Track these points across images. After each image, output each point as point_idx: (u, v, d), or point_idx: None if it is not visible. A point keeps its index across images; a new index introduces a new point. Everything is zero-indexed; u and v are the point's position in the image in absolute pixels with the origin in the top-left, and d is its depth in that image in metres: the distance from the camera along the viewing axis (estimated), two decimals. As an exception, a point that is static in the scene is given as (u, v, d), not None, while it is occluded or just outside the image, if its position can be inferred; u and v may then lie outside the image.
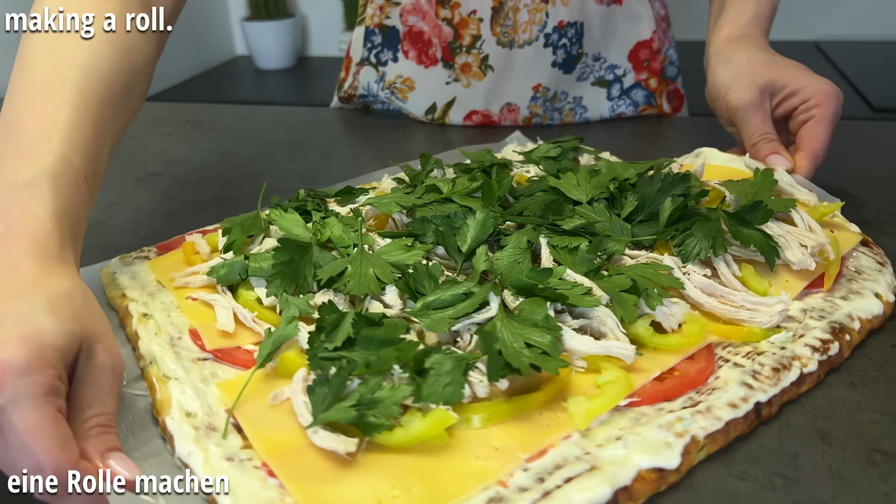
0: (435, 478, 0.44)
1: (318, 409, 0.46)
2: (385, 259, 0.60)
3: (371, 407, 0.45)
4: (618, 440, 0.47)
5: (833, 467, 0.47)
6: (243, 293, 0.61)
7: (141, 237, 0.83)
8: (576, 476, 0.44)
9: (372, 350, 0.49)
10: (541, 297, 0.54)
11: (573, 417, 0.48)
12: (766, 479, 0.46)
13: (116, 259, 0.70)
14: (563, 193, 0.70)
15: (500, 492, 0.43)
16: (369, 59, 1.19)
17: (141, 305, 0.61)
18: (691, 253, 0.60)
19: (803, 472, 0.47)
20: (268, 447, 0.46)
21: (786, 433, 0.50)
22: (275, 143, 1.15)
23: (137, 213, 0.90)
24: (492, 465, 0.45)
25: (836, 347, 0.56)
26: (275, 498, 0.43)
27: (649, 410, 0.50)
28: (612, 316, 0.55)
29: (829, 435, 0.50)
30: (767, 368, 0.53)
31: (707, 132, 1.05)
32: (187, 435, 0.47)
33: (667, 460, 0.45)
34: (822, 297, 0.61)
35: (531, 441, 0.46)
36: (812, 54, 2.39)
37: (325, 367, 0.49)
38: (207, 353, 0.55)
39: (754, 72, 0.80)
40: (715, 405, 0.50)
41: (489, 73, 1.12)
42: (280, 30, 2.80)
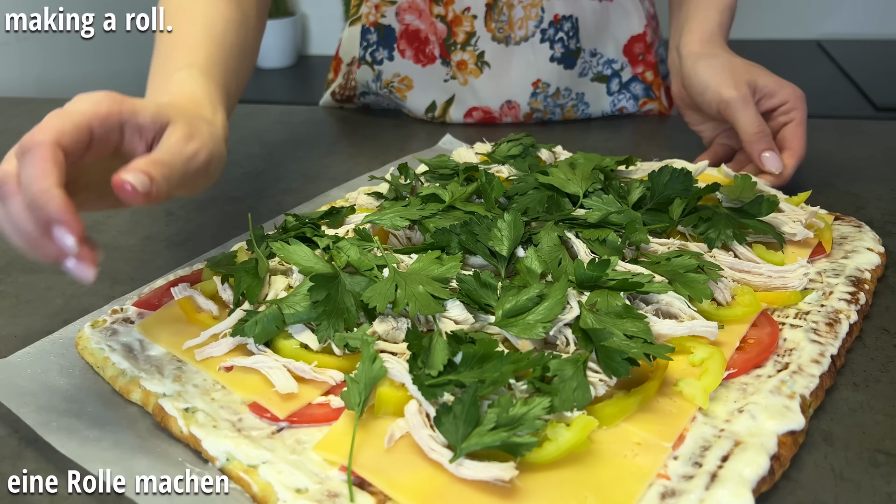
0: (602, 485, 0.42)
1: (455, 439, 0.43)
2: (425, 275, 0.56)
3: (514, 426, 0.43)
4: (741, 412, 0.48)
5: (836, 468, 0.46)
6: (283, 344, 0.54)
7: (140, 237, 0.81)
8: (729, 454, 0.45)
9: (476, 369, 0.47)
10: (608, 290, 0.55)
11: (692, 398, 0.48)
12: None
13: (88, 327, 0.60)
14: (557, 189, 0.71)
15: (667, 485, 0.43)
16: (365, 58, 1.18)
17: (176, 400, 0.51)
18: (717, 240, 0.65)
19: (806, 472, 0.46)
20: (412, 494, 0.42)
21: None
22: (274, 142, 1.12)
23: (136, 213, 0.88)
24: (645, 460, 0.44)
25: (863, 297, 0.61)
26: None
27: (748, 379, 0.52)
28: (679, 297, 0.56)
29: (832, 436, 0.49)
30: (822, 325, 0.57)
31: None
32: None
33: (794, 422, 0.47)
34: (826, 261, 0.67)
35: (668, 430, 0.46)
36: (814, 53, 2.32)
37: (437, 395, 0.46)
38: (281, 422, 0.50)
39: (736, 72, 0.85)
40: (803, 364, 0.53)
41: (486, 69, 1.12)
42: (280, 28, 2.70)
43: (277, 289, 0.60)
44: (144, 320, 0.60)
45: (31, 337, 0.63)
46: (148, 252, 0.79)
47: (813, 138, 1.02)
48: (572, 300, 0.54)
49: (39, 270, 0.75)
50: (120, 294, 0.69)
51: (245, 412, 0.50)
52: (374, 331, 0.54)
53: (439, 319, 0.54)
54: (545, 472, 0.43)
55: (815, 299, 0.61)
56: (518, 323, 0.52)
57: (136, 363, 0.55)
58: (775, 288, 0.61)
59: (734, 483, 0.42)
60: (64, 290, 0.71)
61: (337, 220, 0.71)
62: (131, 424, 0.51)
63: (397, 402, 0.48)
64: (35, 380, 0.55)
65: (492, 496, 0.42)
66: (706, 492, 0.42)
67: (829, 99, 1.96)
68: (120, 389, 0.54)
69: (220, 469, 0.47)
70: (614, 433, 0.46)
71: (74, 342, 0.59)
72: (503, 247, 0.61)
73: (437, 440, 0.44)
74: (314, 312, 0.54)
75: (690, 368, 0.52)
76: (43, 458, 0.49)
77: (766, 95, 0.84)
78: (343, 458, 0.45)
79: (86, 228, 0.45)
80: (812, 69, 2.18)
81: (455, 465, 0.43)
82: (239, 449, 0.47)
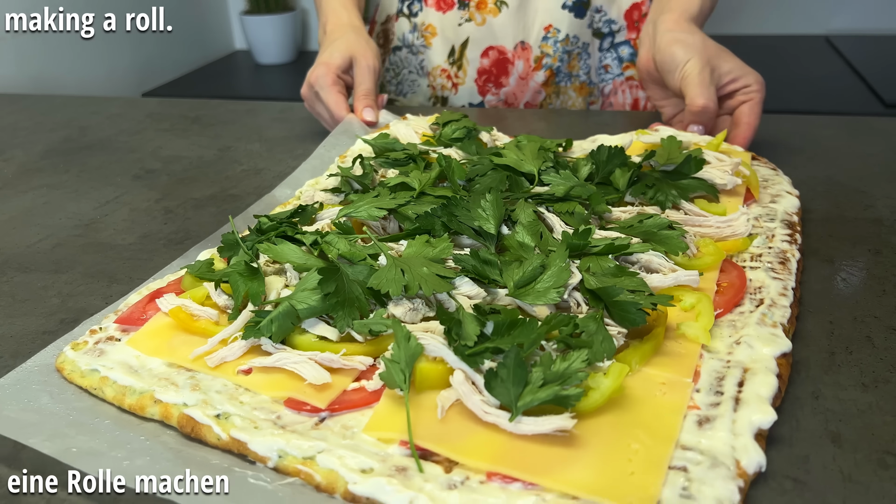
0: (646, 423, 0.47)
1: (509, 400, 0.46)
2: (423, 258, 0.59)
3: (560, 381, 0.47)
4: (738, 344, 0.55)
5: (844, 470, 0.46)
6: (301, 339, 0.55)
7: (138, 235, 0.81)
8: (743, 379, 0.51)
9: (507, 335, 0.51)
10: (595, 255, 0.60)
11: (696, 338, 0.55)
12: (776, 481, 0.46)
13: (70, 350, 0.57)
14: (513, 169, 0.76)
15: (699, 414, 0.49)
16: (402, 11, 1.30)
17: (203, 408, 0.51)
18: (667, 201, 0.73)
19: (814, 474, 0.46)
20: (479, 456, 0.45)
21: (796, 435, 0.49)
22: (274, 138, 1.11)
23: (134, 211, 0.88)
24: (675, 397, 0.50)
25: (799, 237, 0.70)
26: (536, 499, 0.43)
27: (733, 317, 0.58)
28: (658, 254, 0.62)
29: (841, 437, 0.49)
30: (776, 264, 0.65)
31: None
32: (393, 488, 0.44)
33: (785, 346, 0.54)
34: (757, 206, 0.76)
35: (684, 368, 0.52)
36: (822, 48, 2.32)
37: (479, 363, 0.49)
38: (322, 412, 0.50)
39: (706, 52, 0.93)
40: (774, 298, 0.60)
41: (504, 9, 1.22)
42: (280, 24, 2.64)
43: (277, 288, 0.60)
44: (133, 336, 0.58)
45: (27, 337, 0.62)
46: (146, 251, 0.77)
47: (821, 135, 1.02)
48: (572, 266, 0.59)
49: (35, 269, 0.74)
50: (117, 294, 0.68)
51: (280, 409, 0.51)
52: (390, 314, 0.56)
53: (453, 296, 0.57)
54: (593, 419, 0.47)
55: (761, 243, 0.69)
56: (530, 292, 0.56)
57: (141, 379, 0.54)
58: (726, 237, 0.69)
59: (756, 402, 0.49)
60: (60, 289, 0.70)
61: (307, 217, 0.72)
62: (155, 439, 0.50)
63: (438, 375, 0.50)
64: (28, 410, 0.52)
65: (553, 446, 0.45)
66: (735, 413, 0.48)
67: (838, 95, 1.95)
68: (130, 407, 0.52)
69: (275, 468, 0.47)
70: (639, 378, 0.51)
71: (55, 367, 0.56)
72: (490, 225, 0.64)
73: (489, 403, 0.47)
74: (327, 304, 0.55)
75: (684, 314, 0.58)
76: (42, 458, 0.48)
77: (731, 79, 0.92)
78: (397, 434, 0.47)
79: (85, 225, 0.44)
80: (820, 65, 2.18)
81: (514, 424, 0.46)
82: (290, 444, 0.47)
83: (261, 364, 0.54)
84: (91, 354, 0.57)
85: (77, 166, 1.03)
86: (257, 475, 0.46)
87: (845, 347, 0.58)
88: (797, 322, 0.60)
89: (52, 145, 1.12)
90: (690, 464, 0.44)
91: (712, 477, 0.43)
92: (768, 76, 0.96)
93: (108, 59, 2.00)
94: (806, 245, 0.73)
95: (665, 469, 0.44)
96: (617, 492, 0.42)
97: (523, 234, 0.63)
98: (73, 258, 0.77)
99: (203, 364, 0.54)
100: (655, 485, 0.42)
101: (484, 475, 0.44)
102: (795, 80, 2.06)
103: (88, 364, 0.55)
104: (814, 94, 1.96)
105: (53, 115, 1.28)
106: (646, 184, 0.75)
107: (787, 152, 0.97)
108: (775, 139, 1.02)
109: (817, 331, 0.60)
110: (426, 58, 1.29)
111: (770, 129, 1.05)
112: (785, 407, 0.51)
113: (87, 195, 0.93)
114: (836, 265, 0.70)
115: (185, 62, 2.53)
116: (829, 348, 0.58)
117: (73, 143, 1.13)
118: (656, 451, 0.45)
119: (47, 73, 1.79)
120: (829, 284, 0.67)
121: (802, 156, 0.96)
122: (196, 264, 0.63)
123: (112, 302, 0.67)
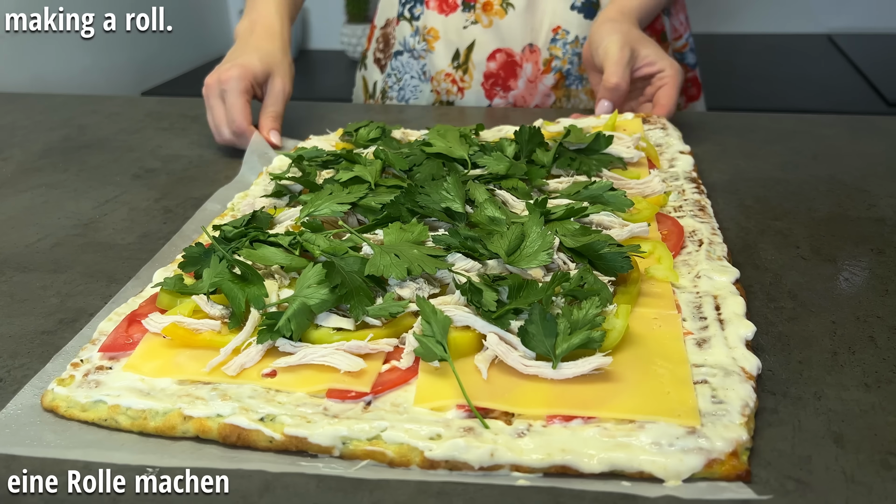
0: (658, 351, 0.54)
1: (546, 350, 0.52)
2: (406, 242, 0.62)
3: (583, 326, 0.53)
4: (698, 277, 0.64)
5: (847, 471, 0.46)
6: (319, 334, 0.56)
7: (137, 234, 0.81)
8: (717, 304, 0.60)
9: (520, 297, 0.56)
10: (556, 221, 0.67)
11: (666, 277, 0.63)
12: (778, 482, 0.45)
13: (57, 387, 0.54)
14: (445, 155, 0.82)
15: (694, 337, 0.57)
16: (403, 14, 1.26)
17: (246, 413, 0.50)
18: (593, 169, 0.82)
19: (816, 475, 0.46)
20: (535, 404, 0.50)
21: (798, 436, 0.49)
22: (275, 138, 1.07)
23: (133, 211, 0.87)
24: (670, 327, 0.57)
25: (704, 188, 0.82)
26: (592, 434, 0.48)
27: (683, 257, 0.68)
28: (607, 213, 0.71)
29: (843, 438, 0.48)
30: (697, 211, 0.76)
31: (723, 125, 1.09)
32: (471, 445, 0.47)
33: (735, 273, 0.64)
34: (661, 172, 0.86)
35: (667, 303, 0.60)
36: (825, 47, 2.29)
37: (506, 325, 0.54)
38: (367, 396, 0.52)
39: (628, 38, 1.00)
40: (710, 237, 0.70)
41: (510, 10, 1.18)
42: None
43: (272, 290, 0.60)
44: (129, 361, 0.56)
45: (25, 337, 0.60)
46: (146, 251, 0.75)
47: (823, 135, 1.01)
48: (549, 231, 0.64)
49: (34, 269, 0.71)
50: (116, 293, 0.68)
51: (324, 402, 0.52)
52: (398, 296, 0.58)
53: (455, 272, 0.60)
54: (616, 356, 0.53)
55: (675, 198, 0.79)
56: (522, 257, 0.61)
57: (158, 400, 0.52)
58: (647, 195, 0.79)
59: (737, 319, 0.58)
60: (59, 289, 0.68)
61: (265, 222, 0.72)
62: (199, 455, 0.49)
63: (468, 342, 0.54)
64: (38, 446, 0.50)
65: (592, 384, 0.51)
66: (723, 331, 0.56)
67: (840, 94, 1.95)
68: (157, 430, 0.51)
69: (340, 455, 0.49)
70: (635, 317, 0.58)
71: (45, 407, 0.53)
72: (458, 205, 0.69)
73: (527, 357, 0.53)
74: (337, 296, 0.56)
75: (645, 261, 0.66)
76: (42, 459, 0.48)
77: (647, 63, 1.01)
78: (451, 400, 0.50)
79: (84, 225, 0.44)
80: (822, 64, 2.18)
81: (556, 371, 0.51)
82: (353, 429, 0.49)
83: (286, 364, 0.54)
84: (86, 387, 0.54)
85: (76, 165, 1.01)
86: (207, 477, 0.47)
87: (848, 347, 0.58)
88: (799, 322, 0.62)
89: (51, 144, 1.09)
90: (708, 377, 0.52)
91: (731, 383, 0.51)
92: (771, 75, 0.97)
93: (108, 57, 1.99)
94: (809, 245, 0.74)
95: (692, 384, 0.51)
96: (664, 409, 0.49)
97: (492, 210, 0.68)
98: (72, 258, 0.76)
99: (221, 375, 0.54)
100: (691, 397, 0.50)
101: (542, 420, 0.49)
102: (798, 78, 2.06)
103: (88, 397, 0.53)
104: (816, 93, 1.96)
105: (52, 113, 1.24)
106: (570, 157, 0.83)
107: (789, 151, 0.98)
108: (777, 138, 1.03)
109: (819, 331, 0.60)
110: (429, 62, 1.24)
111: (772, 128, 1.06)
112: (787, 407, 0.52)
113: (86, 194, 0.92)
114: (839, 265, 0.70)
115: (184, 61, 2.50)
116: (831, 348, 0.58)
117: (72, 142, 1.10)
118: (679, 371, 0.52)
119: (46, 71, 1.79)
120: (831, 284, 0.67)
121: (805, 155, 0.97)
122: (168, 281, 0.61)
123: (109, 302, 0.66)
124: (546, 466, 0.46)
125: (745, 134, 1.05)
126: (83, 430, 0.52)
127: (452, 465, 0.47)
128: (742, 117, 1.18)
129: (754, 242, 0.74)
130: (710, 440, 0.46)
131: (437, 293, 0.60)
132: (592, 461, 0.46)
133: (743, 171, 0.92)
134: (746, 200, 0.84)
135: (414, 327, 0.56)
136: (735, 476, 0.45)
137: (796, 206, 0.82)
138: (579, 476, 0.46)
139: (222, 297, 0.59)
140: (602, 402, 0.49)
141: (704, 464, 0.45)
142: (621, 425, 0.48)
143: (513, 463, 0.46)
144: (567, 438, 0.47)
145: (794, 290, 0.66)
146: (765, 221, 0.78)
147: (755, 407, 0.50)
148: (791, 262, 0.70)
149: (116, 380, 0.55)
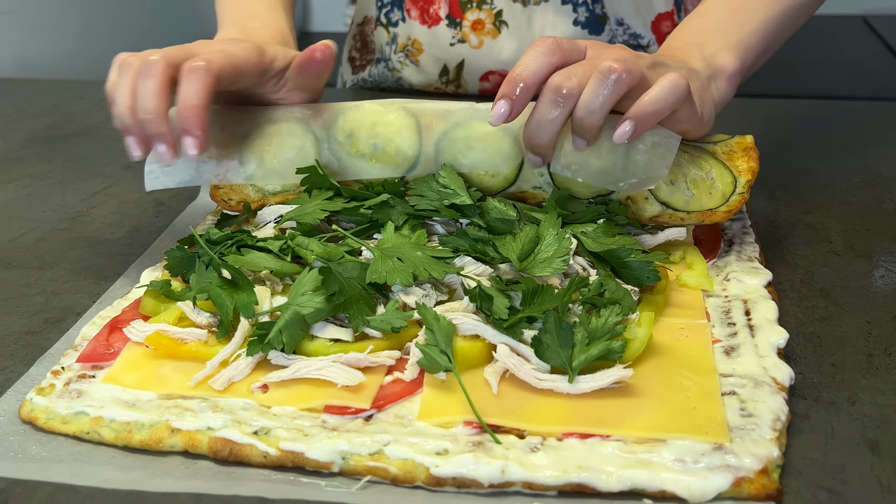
0: (684, 361, 0.54)
1: (561, 363, 0.51)
2: (407, 246, 0.61)
3: (602, 337, 0.52)
4: (727, 281, 0.63)
5: (883, 480, 0.46)
6: (315, 346, 0.55)
7: (127, 229, 0.81)
8: (747, 309, 0.59)
9: (534, 305, 0.55)
10: (578, 224, 0.65)
11: (699, 284, 0.62)
12: (809, 493, 0.45)
13: (37, 397, 0.54)
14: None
15: (723, 345, 0.56)
16: (380, 20, 1.18)
17: (239, 426, 0.50)
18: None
19: (850, 485, 0.45)
20: (549, 421, 0.49)
21: (832, 443, 0.49)
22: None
23: (123, 203, 0.87)
24: (698, 336, 0.57)
25: None
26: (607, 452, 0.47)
27: (717, 262, 0.67)
28: None
29: (879, 445, 0.48)
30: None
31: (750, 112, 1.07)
32: (481, 462, 0.46)
33: (767, 276, 0.64)
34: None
35: (695, 311, 0.60)
36: (859, 28, 2.30)
37: (519, 334, 0.53)
38: (369, 410, 0.51)
39: None
40: (742, 237, 0.70)
41: (504, 29, 1.10)
42: None
43: (263, 297, 0.59)
44: (109, 373, 0.55)
45: (9, 338, 0.60)
46: (136, 246, 0.75)
47: (857, 122, 1.01)
48: (568, 233, 0.63)
49: (18, 265, 0.72)
50: (105, 291, 0.68)
51: (321, 415, 0.51)
52: (403, 304, 0.58)
53: (465, 276, 0.59)
54: (638, 367, 0.53)
55: None
56: (535, 263, 0.59)
57: (145, 412, 0.51)
58: None
59: (768, 325, 0.57)
60: (44, 286, 0.68)
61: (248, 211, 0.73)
62: (192, 472, 0.48)
63: (477, 353, 0.54)
64: (24, 460, 0.50)
65: (612, 398, 0.50)
66: (754, 339, 0.56)
67: (875, 79, 1.95)
68: (142, 444, 0.50)
69: (339, 471, 0.48)
70: (660, 327, 0.58)
71: (23, 418, 0.53)
72: (464, 197, 0.66)
73: (541, 369, 0.52)
74: (334, 305, 0.55)
75: (675, 266, 0.65)
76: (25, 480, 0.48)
77: None
78: (457, 417, 0.50)
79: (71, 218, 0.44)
80: (857, 47, 2.17)
81: (573, 385, 0.50)
82: (354, 443, 0.48)
83: (278, 378, 0.53)
84: (67, 397, 0.53)
85: (62, 155, 1.01)
86: (330, 482, 0.47)
87: (884, 349, 0.57)
88: (832, 322, 0.61)
89: (36, 133, 1.09)
90: (736, 387, 0.51)
91: (761, 394, 0.50)
92: (802, 59, 0.95)
93: (91, 41, 1.99)
94: (842, 240, 0.73)
95: (720, 396, 0.50)
96: (690, 425, 0.48)
97: (504, 209, 0.65)
98: (58, 253, 0.76)
99: (208, 389, 0.53)
100: (720, 412, 0.49)
101: (557, 436, 0.48)
102: (830, 62, 2.06)
103: (69, 408, 0.52)
104: (850, 78, 1.97)
105: (36, 100, 1.24)
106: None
107: (821, 140, 0.97)
108: (808, 126, 1.02)
109: (854, 331, 0.60)
110: (403, 76, 1.18)
111: (803, 115, 1.05)
112: (819, 413, 0.52)
113: (72, 186, 0.91)
114: (874, 261, 0.70)
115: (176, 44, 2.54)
116: (866, 350, 0.57)
117: (57, 131, 1.10)
118: (706, 383, 0.51)
119: (29, 54, 1.79)
120: (866, 281, 0.66)
121: (838, 144, 0.96)
122: (154, 283, 0.61)
123: (98, 300, 0.66)
124: (561, 484, 0.45)
125: (773, 121, 1.04)
126: (69, 440, 0.51)
127: (460, 482, 0.46)
128: (770, 104, 1.16)
129: (784, 237, 0.74)
130: (738, 457, 0.46)
131: (444, 300, 0.59)
132: (611, 479, 0.45)
133: (771, 161, 0.90)
134: (776, 193, 0.83)
135: (418, 337, 0.55)
136: (765, 496, 0.45)
137: (829, 198, 0.82)
138: (596, 495, 0.46)
139: (210, 303, 0.58)
140: (622, 418, 0.49)
141: (732, 483, 0.45)
142: (642, 440, 0.47)
143: (525, 480, 0.46)
144: (584, 454, 0.47)
145: (826, 288, 0.65)
146: (795, 215, 0.78)
147: (787, 421, 0.49)
148: (823, 259, 0.70)
149: (99, 389, 0.54)
